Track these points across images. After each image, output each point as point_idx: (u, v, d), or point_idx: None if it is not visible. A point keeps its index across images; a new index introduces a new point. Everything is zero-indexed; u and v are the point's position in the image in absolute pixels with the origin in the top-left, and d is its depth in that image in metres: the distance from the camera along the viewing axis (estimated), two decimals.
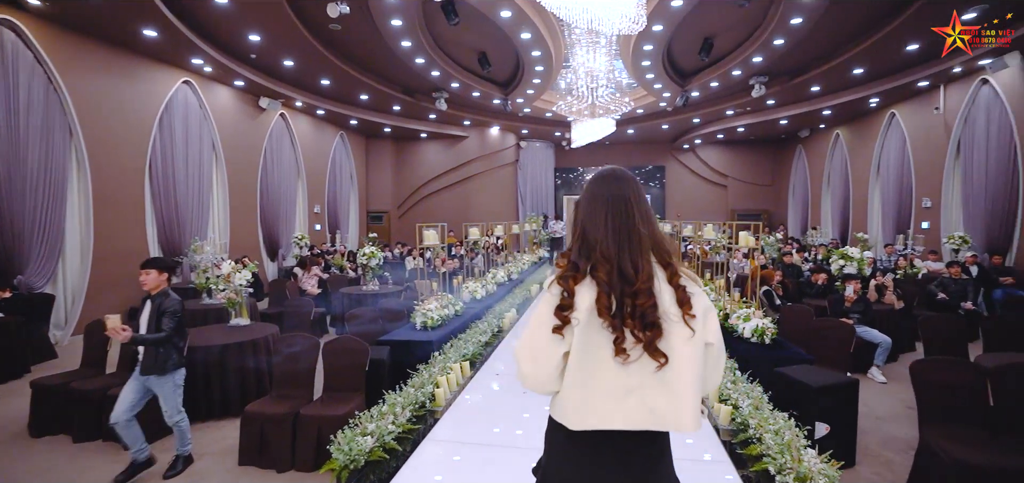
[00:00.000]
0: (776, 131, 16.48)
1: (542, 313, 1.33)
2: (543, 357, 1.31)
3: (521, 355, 1.36)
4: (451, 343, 4.96)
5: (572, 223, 1.45)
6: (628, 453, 1.32)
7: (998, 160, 9.02)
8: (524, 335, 1.37)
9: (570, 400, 1.31)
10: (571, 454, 1.36)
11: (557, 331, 1.29)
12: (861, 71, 10.29)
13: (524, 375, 1.36)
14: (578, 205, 1.43)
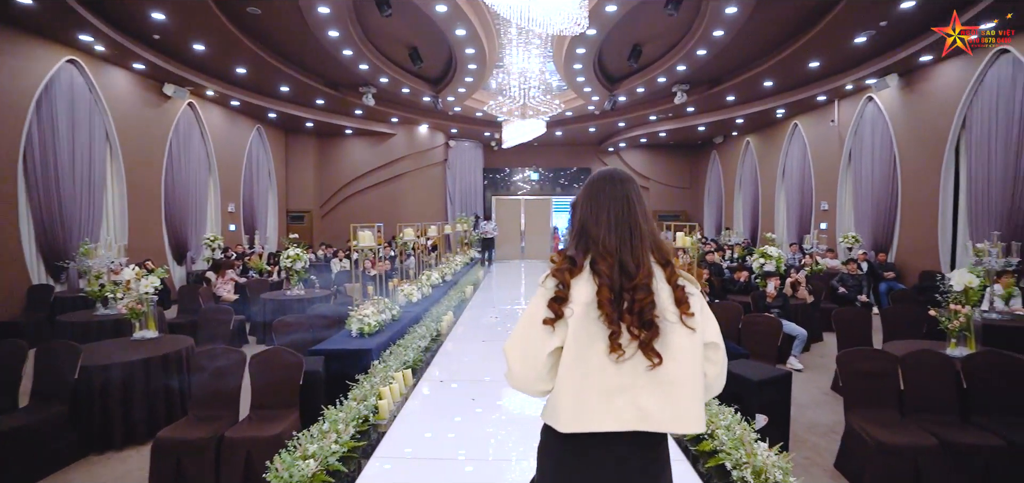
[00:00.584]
0: (694, 137, 17.48)
1: (534, 307, 1.30)
2: (532, 353, 1.28)
3: (511, 353, 1.32)
4: (390, 350, 4.72)
5: (570, 222, 1.44)
6: (625, 459, 1.27)
7: (881, 168, 10.12)
8: (514, 332, 1.34)
9: (562, 400, 1.26)
10: (566, 462, 1.30)
11: (548, 323, 1.26)
12: (770, 84, 11.14)
13: (513, 374, 1.32)
14: (576, 204, 1.41)
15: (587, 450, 1.27)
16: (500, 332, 6.37)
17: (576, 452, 1.28)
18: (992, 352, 3.62)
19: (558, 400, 1.27)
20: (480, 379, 4.56)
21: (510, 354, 1.33)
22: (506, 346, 1.35)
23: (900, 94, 9.60)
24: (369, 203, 16.01)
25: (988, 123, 7.86)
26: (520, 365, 1.31)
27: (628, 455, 1.27)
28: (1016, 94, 7.40)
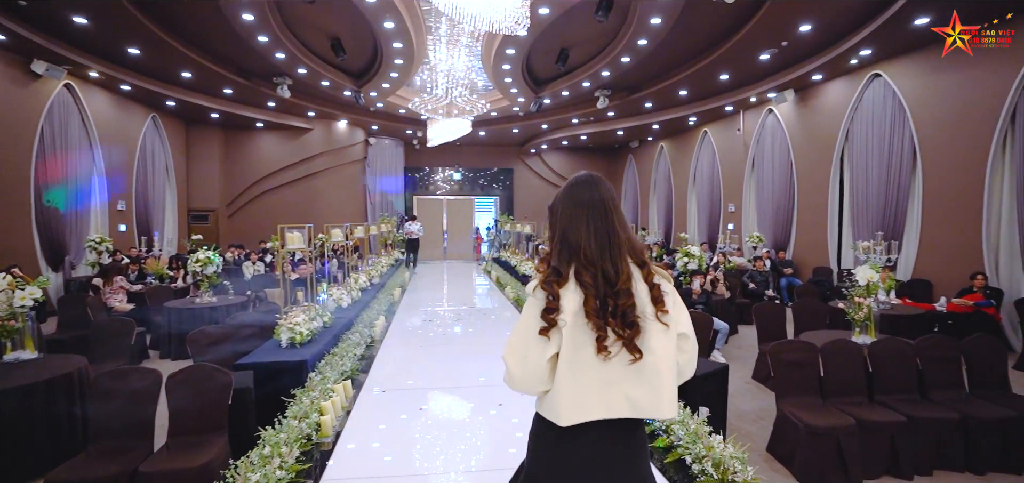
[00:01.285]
0: (612, 141, 18.22)
1: (529, 317, 1.38)
2: (532, 361, 1.37)
3: (511, 358, 1.40)
4: (326, 360, 4.41)
5: (550, 228, 1.50)
6: (613, 441, 1.40)
7: (780, 174, 11.16)
8: (512, 338, 1.41)
9: (562, 397, 1.36)
10: (562, 448, 1.40)
11: (544, 333, 1.35)
12: (685, 93, 11.88)
13: (513, 377, 1.40)
14: (555, 211, 1.49)
15: (579, 436, 1.38)
16: (438, 336, 6.20)
17: (571, 437, 1.39)
18: (890, 338, 4.08)
19: (557, 398, 1.37)
20: (424, 386, 4.39)
21: (510, 361, 1.40)
22: (505, 354, 1.41)
23: (796, 108, 10.64)
24: (282, 202, 14.98)
25: (866, 137, 8.93)
26: (520, 370, 1.39)
27: (617, 436, 1.40)
28: (886, 113, 8.48)
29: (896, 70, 8.27)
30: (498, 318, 7.36)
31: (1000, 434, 3.52)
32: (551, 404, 1.38)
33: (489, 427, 3.57)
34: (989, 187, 6.98)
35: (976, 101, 7.11)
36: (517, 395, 4.08)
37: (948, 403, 3.71)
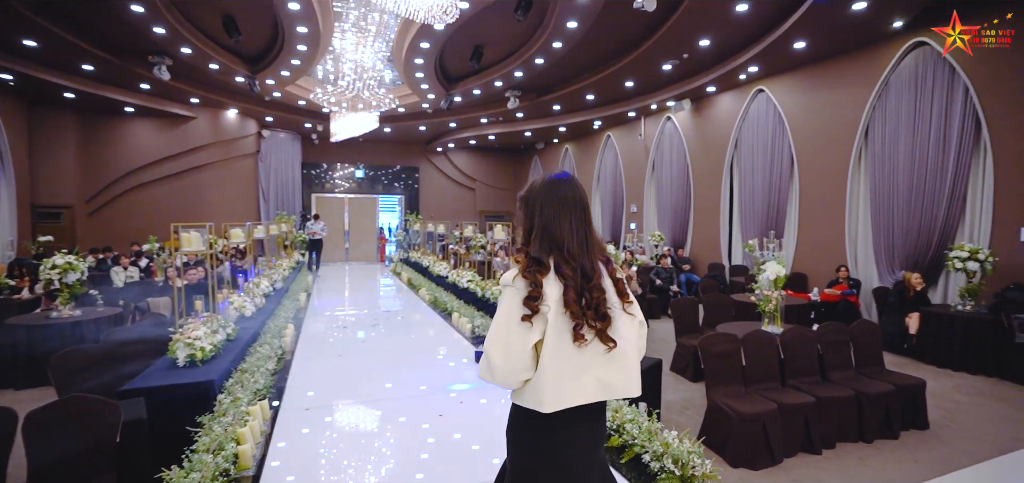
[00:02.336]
0: (519, 141, 18.45)
1: (510, 305, 1.44)
2: (515, 348, 1.42)
3: (493, 351, 1.44)
4: (234, 378, 3.89)
5: (524, 219, 1.57)
6: (586, 424, 1.53)
7: (678, 177, 12.01)
8: (494, 332, 1.45)
9: (544, 385, 1.44)
10: (543, 435, 1.49)
11: (527, 320, 1.42)
12: (592, 97, 12.34)
13: (495, 369, 1.44)
14: (533, 204, 1.55)
15: (556, 421, 1.48)
16: (358, 344, 5.77)
17: (549, 426, 1.48)
18: (797, 328, 4.49)
19: (540, 385, 1.45)
20: (353, 400, 4.03)
21: (492, 352, 1.44)
22: (487, 347, 1.45)
23: (692, 116, 11.51)
24: (159, 198, 13.18)
25: (752, 145, 9.89)
26: (503, 361, 1.43)
27: (588, 419, 1.53)
28: (769, 124, 9.46)
29: (777, 87, 9.25)
30: (418, 322, 7.05)
31: (883, 406, 4.02)
32: (534, 392, 1.46)
33: (437, 436, 3.35)
34: (850, 193, 8.04)
35: (839, 118, 8.16)
36: (458, 403, 3.91)
37: (843, 382, 4.16)
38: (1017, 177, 6.15)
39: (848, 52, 7.94)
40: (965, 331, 5.84)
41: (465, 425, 3.54)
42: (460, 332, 6.14)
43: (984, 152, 6.45)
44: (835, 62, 8.18)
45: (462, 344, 5.66)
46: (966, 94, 6.55)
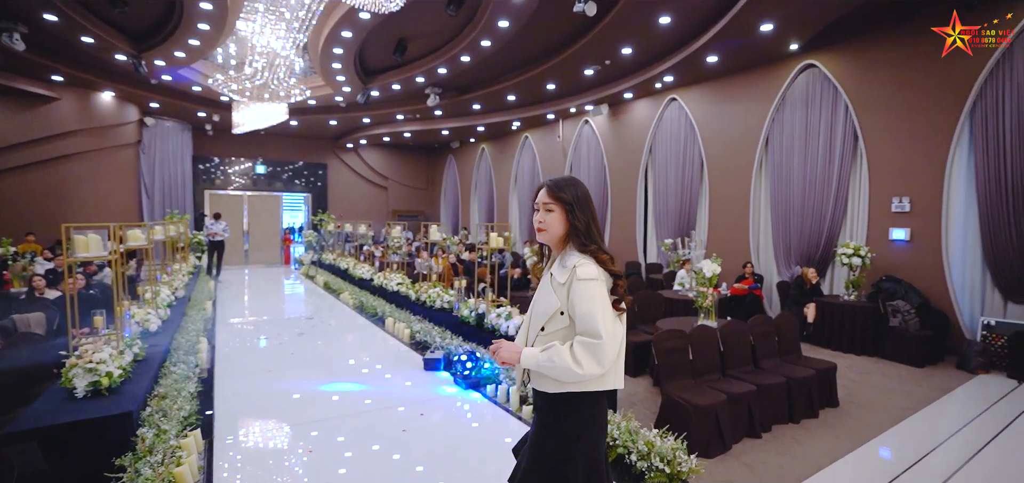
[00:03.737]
0: (435, 140, 18.11)
1: (603, 300, 1.59)
2: (619, 336, 1.65)
3: (611, 348, 1.57)
4: (152, 405, 3.35)
5: (579, 217, 1.69)
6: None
7: (596, 179, 12.48)
8: (605, 326, 1.56)
9: (619, 367, 1.69)
10: (598, 414, 1.68)
11: (618, 308, 1.66)
12: (513, 98, 12.42)
13: (608, 359, 1.57)
14: (584, 204, 1.71)
15: (601, 400, 1.69)
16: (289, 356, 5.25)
17: (599, 403, 1.69)
18: (735, 321, 4.83)
19: (618, 365, 1.67)
20: (300, 420, 3.64)
21: (610, 350, 1.57)
22: (604, 345, 1.55)
23: (609, 121, 12.01)
24: (10, 193, 11.08)
25: (665, 150, 10.56)
26: (614, 352, 1.60)
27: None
28: (681, 131, 10.16)
29: (689, 96, 9.94)
30: (348, 328, 6.60)
31: (807, 389, 4.45)
32: (615, 372, 1.67)
33: (403, 452, 3.12)
34: (753, 196, 8.87)
35: (744, 128, 8.97)
36: (417, 416, 3.68)
37: (774, 370, 4.55)
38: (886, 184, 7.15)
39: (752, 69, 8.74)
40: (851, 318, 6.67)
41: (437, 441, 3.35)
42: (397, 338, 5.84)
43: (861, 162, 7.42)
44: (741, 77, 8.96)
45: (402, 351, 5.39)
46: (846, 111, 7.49)
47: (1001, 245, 6.15)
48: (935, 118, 6.62)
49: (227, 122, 13.02)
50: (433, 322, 5.77)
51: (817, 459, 3.64)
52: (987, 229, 6.27)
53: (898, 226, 7.03)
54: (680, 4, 7.03)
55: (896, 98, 6.99)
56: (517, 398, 3.68)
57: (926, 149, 6.71)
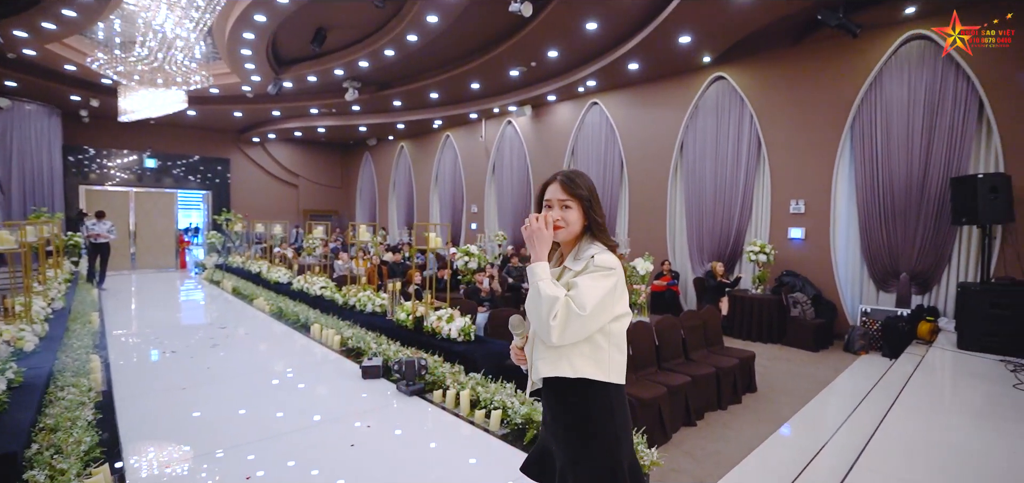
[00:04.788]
0: (351, 136, 17.33)
1: (613, 295, 1.53)
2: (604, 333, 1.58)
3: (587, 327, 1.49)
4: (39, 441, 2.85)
5: (596, 212, 1.63)
6: None
7: (519, 179, 12.61)
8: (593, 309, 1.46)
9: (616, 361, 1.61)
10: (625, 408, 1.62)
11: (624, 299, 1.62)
12: (436, 96, 12.20)
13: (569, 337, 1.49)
14: (591, 199, 1.64)
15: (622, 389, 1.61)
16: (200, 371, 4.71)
17: (620, 391, 1.60)
18: (666, 317, 5.07)
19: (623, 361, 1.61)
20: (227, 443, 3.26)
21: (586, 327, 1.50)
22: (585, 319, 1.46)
23: (532, 122, 12.18)
24: None
25: (586, 152, 10.92)
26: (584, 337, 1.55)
27: None
28: (602, 134, 10.57)
29: (610, 101, 10.36)
30: (268, 337, 6.08)
31: (732, 377, 4.79)
32: (620, 365, 1.59)
33: (356, 469, 2.91)
34: (669, 198, 9.43)
35: (661, 133, 9.51)
36: (363, 429, 3.45)
37: (703, 361, 4.85)
38: (785, 188, 7.92)
39: (669, 78, 9.28)
40: (759, 309, 7.32)
41: (389, 454, 3.16)
42: (326, 346, 5.49)
43: (764, 167, 8.16)
44: (659, 85, 9.49)
45: (334, 359, 5.06)
46: (752, 121, 8.20)
47: (874, 243, 7.05)
48: (823, 132, 7.44)
49: (109, 108, 11.52)
50: (366, 327, 5.49)
51: (747, 441, 3.91)
52: (864, 229, 7.17)
53: (795, 226, 7.82)
54: (608, 11, 7.29)
55: (792, 112, 7.76)
56: (467, 402, 3.59)
57: (817, 158, 7.52)
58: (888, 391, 4.45)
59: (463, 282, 7.65)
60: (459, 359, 4.26)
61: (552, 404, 1.61)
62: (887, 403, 4.01)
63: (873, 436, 3.33)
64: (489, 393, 3.59)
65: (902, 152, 6.74)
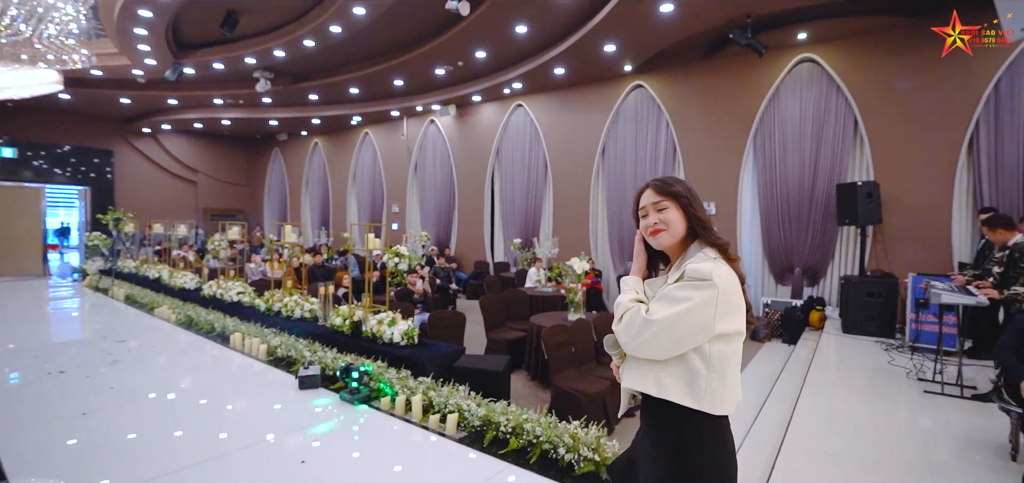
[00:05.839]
0: (258, 130, 16.17)
1: (702, 310, 1.33)
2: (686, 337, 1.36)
3: (659, 338, 1.34)
4: None
5: (692, 208, 1.48)
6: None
7: (442, 179, 12.50)
8: (668, 320, 1.32)
9: (723, 392, 1.38)
10: (727, 442, 1.42)
11: (750, 321, 1.47)
12: (356, 92, 11.74)
13: (635, 346, 1.38)
14: (689, 198, 1.49)
15: (725, 424, 1.42)
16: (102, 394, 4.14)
17: (725, 430, 1.41)
18: (602, 313, 5.30)
19: (723, 394, 1.37)
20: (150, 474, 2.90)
21: (658, 341, 1.34)
22: (655, 328, 1.33)
23: (456, 122, 12.12)
24: None
25: (511, 153, 11.08)
26: (657, 350, 1.37)
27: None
28: (527, 135, 10.78)
29: (535, 103, 10.58)
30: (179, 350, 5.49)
31: None
32: (721, 395, 1.36)
33: None
34: (592, 199, 9.84)
35: (584, 136, 9.89)
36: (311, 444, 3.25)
37: None
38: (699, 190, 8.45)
39: (593, 83, 9.67)
40: None
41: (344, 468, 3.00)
42: (251, 356, 5.09)
43: (679, 171, 8.77)
44: (583, 90, 9.86)
45: (262, 370, 4.71)
46: (668, 128, 8.79)
47: (773, 241, 7.87)
48: (731, 140, 8.16)
49: None
50: (295, 334, 5.16)
51: None
52: (765, 229, 7.97)
53: None
54: (538, 16, 7.45)
55: (704, 120, 8.43)
56: (420, 407, 3.51)
57: (725, 164, 8.23)
58: (795, 373, 5.00)
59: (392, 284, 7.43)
60: (405, 364, 4.15)
61: (645, 415, 1.51)
62: (797, 384, 4.51)
63: (793, 413, 3.73)
64: (442, 397, 3.55)
65: (795, 160, 7.58)
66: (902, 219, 6.77)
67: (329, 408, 3.75)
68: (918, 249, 6.65)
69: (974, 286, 4.40)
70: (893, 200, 6.75)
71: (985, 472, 2.93)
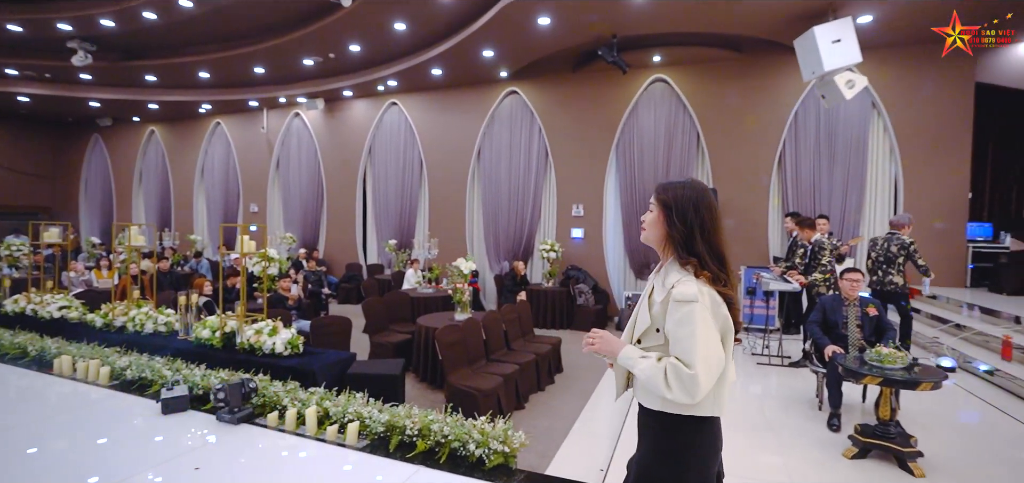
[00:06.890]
0: (75, 112, 13.54)
1: (706, 328, 1.39)
2: (716, 363, 1.41)
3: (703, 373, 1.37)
4: None
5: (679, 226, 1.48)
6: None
7: (309, 177, 11.72)
8: (698, 351, 1.37)
9: (725, 389, 1.49)
10: (711, 442, 1.52)
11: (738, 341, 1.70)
12: (206, 76, 10.48)
13: (702, 390, 1.38)
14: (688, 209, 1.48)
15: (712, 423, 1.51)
16: None
17: (710, 425, 1.50)
18: (489, 312, 5.47)
19: (722, 390, 1.48)
20: None
21: (703, 375, 1.37)
22: (696, 370, 1.36)
23: (325, 117, 11.44)
24: None
25: (385, 152, 10.80)
26: (709, 379, 1.39)
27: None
28: (401, 135, 10.60)
29: (410, 102, 10.44)
30: None
31: (548, 361, 5.45)
32: (716, 399, 1.47)
33: None
34: (468, 200, 10.01)
35: (460, 137, 10.02)
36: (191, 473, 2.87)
37: (523, 349, 5.39)
38: (568, 194, 9.23)
39: (469, 87, 9.83)
40: (551, 300, 8.37)
41: None
42: (87, 381, 4.31)
43: (551, 175, 9.35)
44: (459, 92, 9.97)
45: (108, 396, 4.03)
46: (540, 133, 9.31)
47: (633, 240, 8.78)
48: (597, 147, 8.93)
49: None
50: (147, 353, 4.49)
51: (569, 415, 4.53)
52: (626, 228, 8.86)
53: (576, 227, 9.18)
54: (419, 14, 7.39)
55: (573, 128, 9.09)
56: (314, 419, 3.32)
57: (592, 169, 8.97)
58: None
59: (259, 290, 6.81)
60: (292, 375, 3.88)
61: (642, 415, 1.60)
62: None
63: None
64: (339, 406, 3.40)
65: (650, 168, 8.55)
66: (734, 220, 8.03)
67: (206, 432, 3.37)
68: (744, 245, 7.94)
69: (788, 275, 5.43)
70: (726, 204, 7.97)
71: (802, 421, 3.67)
